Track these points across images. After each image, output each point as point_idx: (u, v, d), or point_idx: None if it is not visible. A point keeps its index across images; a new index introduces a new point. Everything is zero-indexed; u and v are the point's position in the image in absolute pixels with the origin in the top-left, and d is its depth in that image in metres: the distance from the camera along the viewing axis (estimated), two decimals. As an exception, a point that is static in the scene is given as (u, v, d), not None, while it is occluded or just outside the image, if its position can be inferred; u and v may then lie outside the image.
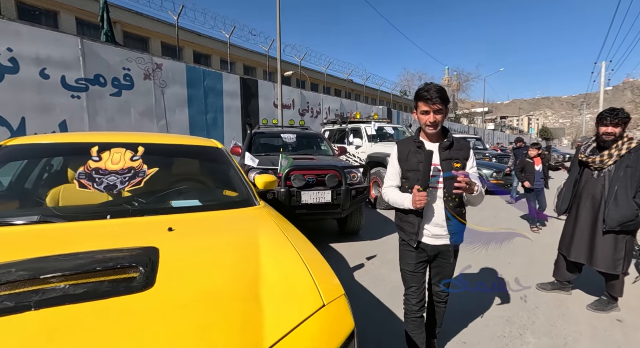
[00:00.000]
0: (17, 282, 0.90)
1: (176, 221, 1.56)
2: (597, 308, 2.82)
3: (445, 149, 1.79)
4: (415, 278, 1.93)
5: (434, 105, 1.67)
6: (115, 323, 0.83)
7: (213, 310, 0.95)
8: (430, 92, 1.66)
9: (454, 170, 1.72)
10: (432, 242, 1.85)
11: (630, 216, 2.49)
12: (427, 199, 1.67)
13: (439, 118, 1.71)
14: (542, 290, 3.14)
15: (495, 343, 2.34)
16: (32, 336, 0.75)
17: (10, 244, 1.20)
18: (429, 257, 1.90)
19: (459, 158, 1.77)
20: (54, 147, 2.02)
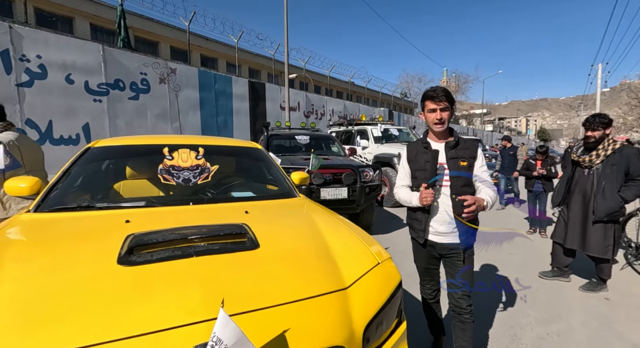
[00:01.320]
0: (177, 241, 1.29)
1: (246, 206, 1.95)
2: (588, 289, 3.21)
3: (451, 149, 1.84)
4: (428, 274, 2.03)
5: (440, 103, 1.76)
6: (246, 267, 1.22)
7: (305, 262, 1.34)
8: (436, 92, 1.77)
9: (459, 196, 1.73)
10: (439, 240, 1.88)
11: (615, 208, 2.90)
12: (433, 196, 1.74)
13: (445, 116, 1.78)
14: (544, 277, 3.50)
15: (500, 315, 2.73)
16: (199, 270, 1.14)
17: (146, 218, 1.60)
18: (439, 255, 1.94)
19: (465, 157, 1.81)
20: (132, 148, 2.41)
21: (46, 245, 1.35)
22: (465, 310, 1.88)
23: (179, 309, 0.95)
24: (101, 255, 1.22)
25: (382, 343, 1.27)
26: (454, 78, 47.02)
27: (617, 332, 2.49)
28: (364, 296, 1.25)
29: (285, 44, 10.73)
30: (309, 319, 1.05)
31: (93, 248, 1.31)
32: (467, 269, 1.87)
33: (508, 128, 73.46)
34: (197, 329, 0.90)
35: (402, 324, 1.43)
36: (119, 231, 1.43)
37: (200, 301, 0.98)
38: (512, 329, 2.52)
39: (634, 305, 2.92)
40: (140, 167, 2.37)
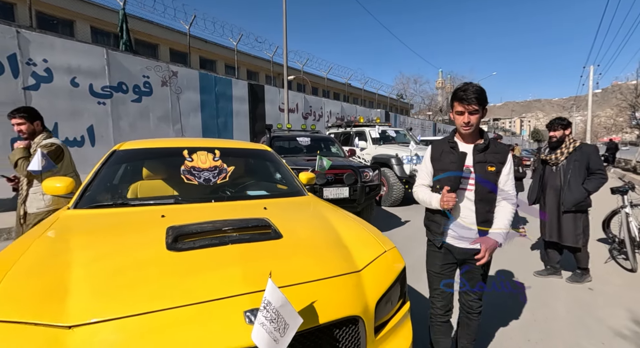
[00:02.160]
0: (212, 231, 1.50)
1: (264, 203, 2.16)
2: (573, 280, 3.46)
3: (480, 152, 1.73)
4: (439, 281, 1.88)
5: (469, 106, 1.62)
6: (274, 252, 1.43)
7: (323, 249, 1.55)
8: (467, 93, 1.61)
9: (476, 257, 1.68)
10: (458, 244, 1.78)
11: (580, 199, 3.20)
12: (455, 200, 1.66)
13: (473, 119, 1.65)
14: (539, 276, 3.65)
15: (492, 303, 2.96)
16: (237, 255, 1.35)
17: (178, 213, 1.80)
18: (457, 261, 1.84)
19: (493, 162, 1.71)
20: (155, 151, 2.61)
21: (100, 235, 1.56)
22: (475, 311, 1.89)
23: (226, 284, 1.16)
24: (151, 242, 1.42)
25: (390, 317, 1.49)
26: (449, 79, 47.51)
27: (597, 317, 2.73)
28: (374, 278, 1.46)
29: (285, 47, 10.94)
30: (332, 294, 1.27)
31: (141, 238, 1.52)
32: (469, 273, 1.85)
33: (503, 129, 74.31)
34: (244, 299, 1.11)
35: (406, 304, 1.64)
36: (158, 224, 1.64)
37: (242, 278, 1.20)
38: (500, 313, 2.75)
39: (614, 294, 3.17)
40: (163, 168, 2.57)
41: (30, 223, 2.63)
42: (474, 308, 1.89)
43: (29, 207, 2.64)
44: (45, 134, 2.81)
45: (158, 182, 2.56)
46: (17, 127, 2.67)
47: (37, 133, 2.77)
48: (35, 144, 2.71)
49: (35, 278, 1.15)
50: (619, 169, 15.60)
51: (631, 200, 4.16)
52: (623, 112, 16.80)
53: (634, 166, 15.25)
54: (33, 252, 1.33)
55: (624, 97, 15.32)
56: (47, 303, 1.04)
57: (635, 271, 3.70)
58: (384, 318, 1.46)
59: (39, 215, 2.63)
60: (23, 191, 2.63)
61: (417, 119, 28.12)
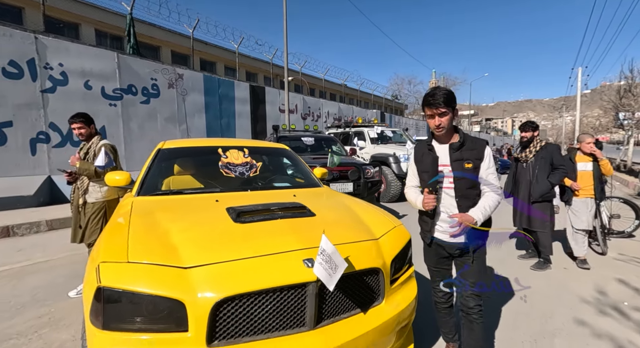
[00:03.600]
0: (263, 211, 1.94)
1: (291, 192, 2.60)
2: (537, 267, 3.87)
3: (455, 150, 1.81)
4: (439, 274, 2.02)
5: (437, 109, 1.72)
6: (313, 224, 1.87)
7: (349, 224, 2.00)
8: (434, 97, 1.72)
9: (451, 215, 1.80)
10: (447, 239, 1.88)
11: (546, 190, 3.70)
12: (435, 201, 1.79)
13: (443, 120, 1.74)
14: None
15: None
16: (287, 225, 1.79)
17: (228, 199, 2.24)
18: (449, 255, 1.94)
19: (470, 159, 1.78)
20: (194, 149, 3.04)
21: (178, 213, 1.99)
22: (472, 310, 1.87)
23: (286, 243, 1.61)
24: (219, 217, 1.86)
25: (400, 275, 1.95)
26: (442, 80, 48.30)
27: (568, 290, 3.23)
28: (389, 244, 1.92)
29: (285, 50, 11.36)
30: (360, 253, 1.72)
31: (210, 214, 1.96)
32: (467, 269, 1.88)
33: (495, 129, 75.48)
34: (300, 252, 1.55)
35: (411, 267, 2.10)
36: (216, 206, 2.08)
37: (296, 240, 1.64)
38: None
39: (585, 273, 3.68)
40: (201, 163, 3.00)
41: (88, 210, 3.03)
42: (470, 306, 1.87)
43: (88, 198, 3.04)
44: (99, 136, 3.20)
45: (198, 174, 2.99)
46: (77, 130, 3.06)
47: (92, 135, 3.16)
48: (94, 144, 3.11)
49: (149, 240, 1.59)
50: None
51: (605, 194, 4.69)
52: (608, 113, 17.53)
53: (618, 165, 15.98)
54: (136, 225, 1.77)
55: (608, 98, 16.04)
56: (166, 254, 1.48)
57: (605, 255, 4.23)
58: (396, 275, 1.92)
59: (96, 205, 3.04)
60: (84, 185, 3.02)
61: (411, 120, 28.74)
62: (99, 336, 1.34)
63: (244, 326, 1.39)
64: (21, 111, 6.70)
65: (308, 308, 1.47)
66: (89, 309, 1.39)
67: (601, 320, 2.63)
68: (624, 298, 3.03)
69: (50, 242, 4.73)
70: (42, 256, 4.12)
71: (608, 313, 2.75)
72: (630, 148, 14.97)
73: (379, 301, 1.73)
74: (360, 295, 1.67)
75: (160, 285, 1.35)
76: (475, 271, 1.88)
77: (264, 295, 1.41)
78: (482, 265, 1.91)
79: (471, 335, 1.90)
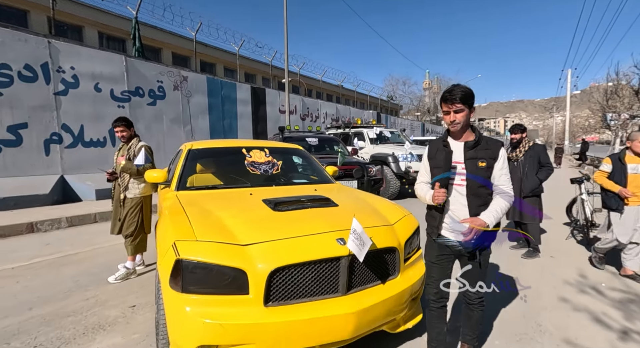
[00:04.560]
0: (294, 202, 2.29)
1: (311, 187, 2.95)
2: (527, 256, 4.27)
3: (470, 148, 1.81)
4: (435, 269, 1.96)
5: (453, 105, 1.73)
6: (338, 212, 2.23)
7: (367, 212, 2.35)
8: (451, 93, 1.73)
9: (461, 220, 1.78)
10: (453, 237, 1.87)
11: (535, 186, 4.09)
12: (445, 196, 1.77)
13: (459, 117, 1.75)
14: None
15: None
16: (317, 213, 2.15)
17: (260, 192, 2.58)
18: (453, 253, 1.93)
19: (484, 158, 1.77)
20: (221, 149, 3.37)
21: (221, 203, 2.33)
22: (473, 301, 1.95)
23: (319, 226, 1.96)
24: (259, 207, 2.21)
25: (411, 255, 2.31)
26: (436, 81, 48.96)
27: (553, 273, 3.63)
28: (402, 229, 2.28)
29: (286, 53, 11.70)
30: (379, 234, 2.07)
31: (250, 204, 2.31)
32: (471, 269, 1.91)
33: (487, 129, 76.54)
34: (332, 234, 1.90)
35: (420, 250, 2.47)
36: (252, 198, 2.43)
37: (327, 224, 2.00)
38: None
39: (569, 260, 4.09)
40: (229, 162, 3.33)
41: (127, 205, 3.35)
42: (472, 299, 1.94)
43: (128, 193, 3.35)
44: (138, 138, 3.51)
45: (226, 171, 3.32)
46: (120, 133, 3.37)
47: (132, 137, 3.47)
48: (133, 144, 3.42)
49: (207, 224, 1.94)
50: (592, 167, 16.94)
51: (588, 189, 5.13)
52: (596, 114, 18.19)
53: (605, 164, 16.60)
54: (192, 212, 2.11)
55: (595, 100, 16.67)
56: (224, 235, 1.82)
57: (589, 244, 4.65)
58: (408, 255, 2.28)
59: (134, 200, 3.35)
60: (125, 182, 3.33)
61: (406, 120, 29.25)
62: (178, 297, 1.68)
63: (291, 291, 1.74)
64: (35, 113, 6.94)
65: (341, 278, 1.83)
66: (167, 277, 1.73)
67: (581, 297, 3.03)
68: (602, 280, 3.43)
69: (73, 237, 5.02)
70: (70, 249, 4.41)
71: (587, 292, 3.15)
72: (616, 148, 15.61)
73: (395, 275, 2.09)
74: (380, 269, 2.03)
75: (227, 258, 1.70)
76: (479, 272, 1.91)
77: (306, 266, 1.76)
78: (486, 265, 1.93)
79: (469, 321, 2.01)
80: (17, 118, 6.68)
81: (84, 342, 2.27)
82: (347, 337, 1.79)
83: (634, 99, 12.07)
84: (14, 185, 6.40)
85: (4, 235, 4.91)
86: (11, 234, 4.98)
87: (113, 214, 3.46)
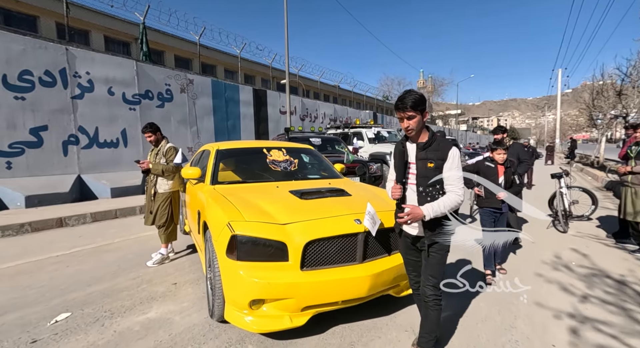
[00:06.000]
0: (316, 192, 2.79)
1: (326, 181, 3.46)
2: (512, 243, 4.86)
3: (421, 150, 1.93)
4: (407, 263, 2.18)
5: (405, 113, 1.85)
6: (353, 200, 2.73)
7: (375, 200, 2.86)
8: (403, 101, 1.85)
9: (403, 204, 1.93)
10: (411, 231, 2.04)
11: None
12: (401, 191, 1.97)
13: (411, 123, 1.87)
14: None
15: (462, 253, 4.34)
16: (336, 201, 2.66)
17: (285, 185, 3.08)
18: (415, 246, 2.07)
19: (432, 159, 1.88)
20: (244, 149, 3.87)
21: (255, 194, 2.83)
22: (428, 298, 1.99)
23: (340, 210, 2.47)
24: (288, 196, 2.72)
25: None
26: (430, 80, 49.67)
27: (533, 256, 4.19)
28: (403, 213, 2.80)
29: (286, 56, 12.17)
30: (385, 217, 2.58)
31: (280, 195, 2.81)
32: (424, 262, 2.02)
33: (481, 128, 77.64)
34: (350, 215, 2.42)
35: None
36: (280, 190, 2.94)
37: (346, 208, 2.51)
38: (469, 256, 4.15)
39: (548, 245, 4.64)
40: (253, 160, 3.83)
41: (158, 199, 3.82)
42: (427, 294, 1.99)
43: (159, 188, 3.83)
44: (166, 139, 3.99)
45: (251, 168, 3.82)
46: (149, 138, 3.85)
47: (160, 140, 3.95)
48: (162, 146, 3.89)
49: (250, 209, 2.44)
50: (580, 164, 17.66)
51: (567, 183, 5.71)
52: (582, 113, 18.94)
53: (592, 162, 17.34)
54: (235, 200, 2.60)
55: (582, 100, 17.40)
56: (265, 216, 2.33)
57: (566, 233, 5.22)
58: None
59: (165, 194, 3.83)
60: (156, 178, 3.81)
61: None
62: (234, 264, 2.18)
63: (320, 259, 2.25)
64: (55, 116, 7.36)
65: (358, 250, 2.34)
66: (224, 249, 2.23)
67: (553, 273, 3.58)
68: (573, 259, 4.00)
69: (101, 230, 5.47)
70: (102, 240, 4.87)
71: (559, 269, 3.70)
72: (602, 146, 16.33)
73: (398, 250, 2.61)
74: (387, 244, 2.54)
75: (271, 234, 2.21)
76: (431, 265, 1.97)
77: (332, 240, 2.27)
78: (439, 259, 1.97)
79: (426, 321, 2.05)
80: (38, 121, 7.09)
81: (144, 308, 2.76)
82: (363, 295, 2.30)
83: (617, 100, 12.75)
84: (38, 184, 6.83)
85: (38, 229, 5.36)
86: (44, 228, 5.42)
87: (146, 207, 3.94)
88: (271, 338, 2.32)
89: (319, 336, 2.37)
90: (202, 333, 2.38)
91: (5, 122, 6.66)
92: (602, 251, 4.31)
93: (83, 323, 2.53)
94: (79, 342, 2.29)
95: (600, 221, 5.89)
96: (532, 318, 2.63)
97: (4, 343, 2.27)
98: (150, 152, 4.00)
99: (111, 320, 2.57)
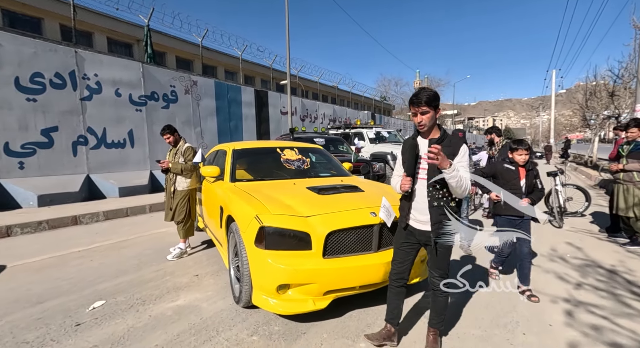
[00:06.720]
0: (332, 188, 3.01)
1: (339, 178, 3.69)
2: None
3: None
4: (398, 254, 2.22)
5: (419, 107, 1.90)
6: (366, 195, 2.96)
7: (385, 195, 3.10)
8: (418, 97, 1.89)
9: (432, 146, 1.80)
10: (418, 227, 2.07)
11: None
12: (411, 183, 1.98)
13: (425, 118, 1.92)
14: None
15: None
16: (352, 196, 2.89)
17: (301, 182, 3.30)
18: (418, 242, 2.11)
19: (445, 154, 1.85)
20: (259, 149, 4.08)
21: (275, 190, 3.05)
22: (437, 288, 2.10)
23: (356, 204, 2.70)
24: (307, 192, 2.94)
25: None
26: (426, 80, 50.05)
27: (533, 248, 4.43)
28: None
29: (288, 58, 12.38)
30: (397, 210, 2.82)
31: (299, 190, 3.03)
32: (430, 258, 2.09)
33: (477, 128, 78.28)
34: (366, 209, 2.64)
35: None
36: (297, 186, 3.16)
37: (362, 202, 2.74)
38: (469, 256, 4.40)
39: (544, 239, 4.91)
40: (268, 159, 4.05)
41: (177, 196, 4.03)
42: (436, 285, 2.09)
43: (177, 186, 4.03)
44: (183, 140, 4.20)
45: (267, 166, 4.02)
46: (167, 139, 4.07)
47: (177, 141, 4.15)
48: (180, 146, 4.10)
49: (274, 203, 2.66)
50: (574, 164, 18.05)
51: (562, 181, 5.99)
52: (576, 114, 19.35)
53: (586, 161, 17.74)
54: (259, 195, 2.82)
55: (576, 100, 17.79)
56: (289, 210, 2.55)
57: (561, 228, 5.49)
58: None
59: (183, 192, 4.04)
60: (175, 176, 4.02)
61: (399, 120, 30.18)
62: (262, 253, 2.40)
63: (340, 248, 2.47)
64: (64, 117, 7.52)
65: (373, 240, 2.57)
66: (252, 239, 2.44)
67: (549, 264, 3.83)
68: (568, 252, 4.25)
69: (114, 228, 5.66)
70: (118, 237, 5.06)
71: (555, 260, 3.96)
72: (595, 146, 16.73)
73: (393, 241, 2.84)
74: (399, 235, 2.77)
75: (295, 225, 2.43)
76: (439, 259, 2.06)
77: (350, 231, 2.50)
78: (444, 253, 2.06)
79: (435, 306, 2.17)
80: (49, 122, 7.25)
81: (172, 297, 2.97)
82: (378, 280, 2.53)
83: (609, 100, 13.11)
84: (49, 184, 6.99)
85: (55, 226, 5.53)
86: (60, 226, 5.60)
87: (166, 204, 4.14)
88: (294, 321, 2.54)
89: (338, 319, 2.59)
90: (231, 317, 2.60)
91: (18, 123, 6.81)
92: (595, 245, 4.58)
93: (119, 309, 2.74)
94: (119, 325, 2.49)
95: (593, 217, 6.17)
96: (531, 303, 2.88)
97: (51, 326, 2.47)
98: (168, 152, 4.20)
99: (144, 307, 2.78)
